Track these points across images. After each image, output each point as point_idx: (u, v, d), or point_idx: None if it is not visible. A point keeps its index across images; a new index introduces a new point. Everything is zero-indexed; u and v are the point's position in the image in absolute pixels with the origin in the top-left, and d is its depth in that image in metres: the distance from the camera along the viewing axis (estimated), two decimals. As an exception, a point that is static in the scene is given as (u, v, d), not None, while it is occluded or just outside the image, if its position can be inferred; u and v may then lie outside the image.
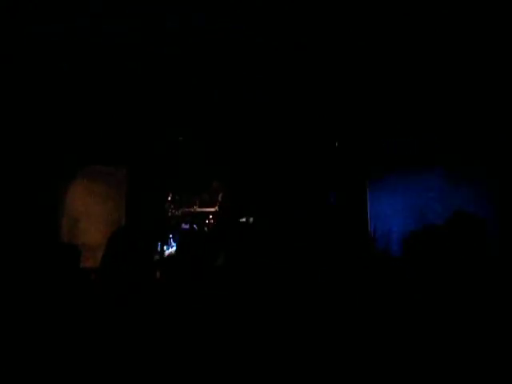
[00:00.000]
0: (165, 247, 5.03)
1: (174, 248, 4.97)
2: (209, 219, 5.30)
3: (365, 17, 2.85)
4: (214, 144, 5.29)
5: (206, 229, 5.22)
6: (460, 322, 1.84)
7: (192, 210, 5.36)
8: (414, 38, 3.19)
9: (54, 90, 4.21)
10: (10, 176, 4.59)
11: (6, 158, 4.51)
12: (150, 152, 5.36)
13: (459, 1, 2.61)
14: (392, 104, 4.30)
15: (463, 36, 3.07)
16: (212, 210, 5.35)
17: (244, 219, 5.16)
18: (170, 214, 5.30)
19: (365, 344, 1.93)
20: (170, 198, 5.35)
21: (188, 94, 4.49)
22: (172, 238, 5.12)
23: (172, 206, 5.32)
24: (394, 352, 1.87)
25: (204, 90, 4.38)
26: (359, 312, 2.11)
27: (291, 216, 4.98)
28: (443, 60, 3.45)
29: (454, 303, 1.90)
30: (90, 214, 5.10)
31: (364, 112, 4.46)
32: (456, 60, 3.43)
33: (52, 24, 2.82)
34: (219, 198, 5.38)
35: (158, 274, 3.14)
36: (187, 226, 5.27)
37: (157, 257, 4.45)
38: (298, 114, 4.79)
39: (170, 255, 4.89)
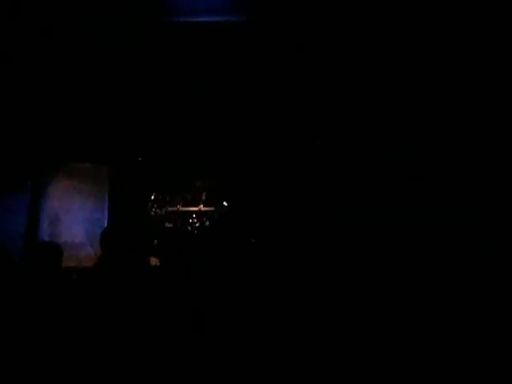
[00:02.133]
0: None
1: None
2: (192, 218, 5.31)
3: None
4: (197, 143, 5.30)
5: (189, 228, 5.23)
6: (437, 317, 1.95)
7: (175, 209, 5.36)
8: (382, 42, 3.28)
9: (36, 87, 4.13)
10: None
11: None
12: (132, 150, 5.32)
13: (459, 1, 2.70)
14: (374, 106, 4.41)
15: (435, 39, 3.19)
16: (195, 209, 5.36)
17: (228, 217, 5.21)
18: (153, 213, 5.27)
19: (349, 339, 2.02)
20: (153, 198, 5.33)
21: (172, 92, 4.48)
22: (155, 237, 5.10)
23: (155, 206, 5.30)
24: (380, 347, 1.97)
25: (188, 89, 4.39)
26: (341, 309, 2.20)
27: (275, 216, 5.05)
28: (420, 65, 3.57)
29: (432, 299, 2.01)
30: (71, 213, 5.01)
31: (350, 113, 4.55)
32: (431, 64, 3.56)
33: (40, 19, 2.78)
34: (203, 198, 5.39)
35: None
36: (170, 226, 5.26)
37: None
38: (283, 114, 4.85)
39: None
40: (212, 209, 5.36)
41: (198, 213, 5.34)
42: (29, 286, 2.53)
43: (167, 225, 5.24)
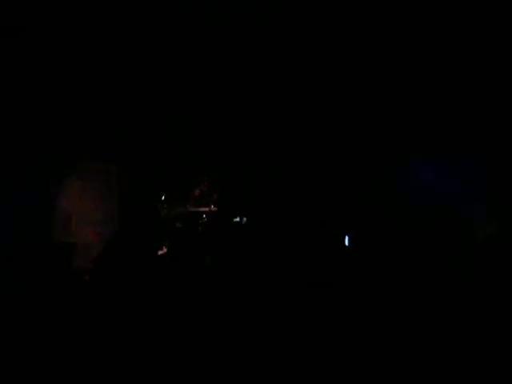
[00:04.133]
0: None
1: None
2: (202, 219, 5.31)
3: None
4: (206, 141, 5.32)
5: (199, 228, 5.23)
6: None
7: (185, 209, 5.36)
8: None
9: (45, 88, 4.17)
10: (0, 175, 4.54)
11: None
12: (141, 149, 5.35)
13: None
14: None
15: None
16: (205, 209, 5.36)
17: (237, 219, 5.20)
18: (162, 213, 5.28)
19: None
20: (163, 198, 5.34)
21: (180, 90, 4.50)
22: (165, 237, 5.10)
23: (165, 206, 5.31)
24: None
25: (196, 87, 4.40)
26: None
27: (283, 216, 5.04)
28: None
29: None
30: (81, 213, 5.06)
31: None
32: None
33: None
34: (213, 198, 5.39)
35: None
36: (180, 226, 5.26)
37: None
38: (289, 113, 4.84)
39: (163, 254, 4.88)
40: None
41: (208, 213, 5.33)
42: (42, 285, 2.56)
43: (177, 225, 5.25)
